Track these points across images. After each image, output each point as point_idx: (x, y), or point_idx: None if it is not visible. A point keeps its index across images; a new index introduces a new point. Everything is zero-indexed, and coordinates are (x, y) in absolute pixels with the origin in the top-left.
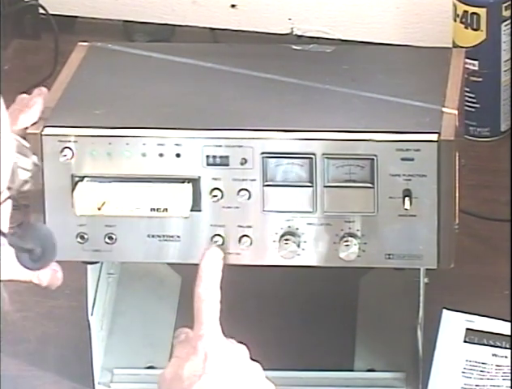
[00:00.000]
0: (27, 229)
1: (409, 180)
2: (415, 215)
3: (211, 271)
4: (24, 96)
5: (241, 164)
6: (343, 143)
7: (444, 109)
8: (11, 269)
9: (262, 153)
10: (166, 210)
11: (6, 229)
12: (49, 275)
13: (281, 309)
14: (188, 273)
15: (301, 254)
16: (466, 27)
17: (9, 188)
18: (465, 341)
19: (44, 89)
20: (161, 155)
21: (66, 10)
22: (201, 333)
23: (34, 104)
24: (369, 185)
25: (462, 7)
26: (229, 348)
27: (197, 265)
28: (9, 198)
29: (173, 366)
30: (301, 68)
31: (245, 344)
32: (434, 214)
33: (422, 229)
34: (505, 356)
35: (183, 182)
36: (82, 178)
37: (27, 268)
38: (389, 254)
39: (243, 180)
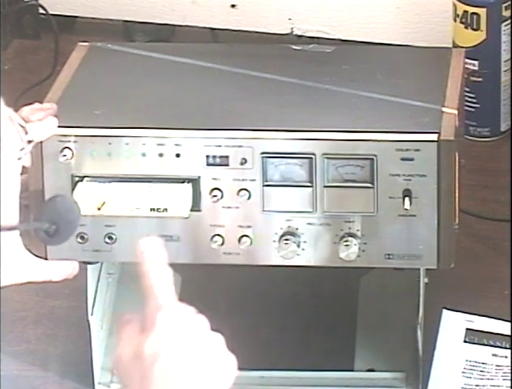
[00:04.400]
0: (46, 204)
1: (409, 180)
2: (415, 215)
3: (153, 252)
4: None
5: (241, 164)
6: (342, 143)
7: (444, 109)
8: (29, 271)
9: (262, 153)
10: (166, 210)
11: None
12: (69, 268)
13: (281, 309)
14: (188, 273)
15: (301, 254)
16: (466, 27)
17: None
18: (465, 341)
19: (55, 107)
20: (161, 155)
21: (66, 10)
22: (158, 305)
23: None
24: (369, 185)
25: (462, 7)
26: (190, 320)
27: (197, 265)
28: None
29: (128, 345)
30: (301, 68)
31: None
32: (434, 214)
33: (422, 229)
34: (505, 356)
35: (183, 182)
36: (82, 178)
37: (46, 244)
38: (389, 254)
39: (243, 180)
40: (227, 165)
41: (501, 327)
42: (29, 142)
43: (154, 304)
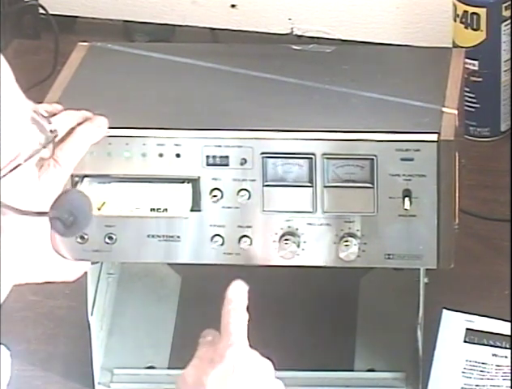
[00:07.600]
0: (60, 196)
1: (409, 180)
2: (415, 215)
3: (239, 295)
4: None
5: (241, 164)
6: (343, 143)
7: (444, 109)
8: (47, 272)
9: (262, 153)
10: (166, 210)
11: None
12: (83, 268)
13: (281, 309)
14: (188, 273)
15: (301, 254)
16: (466, 27)
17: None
18: (465, 341)
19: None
20: (161, 155)
21: (66, 10)
22: (230, 342)
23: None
24: (369, 185)
25: (462, 7)
26: (256, 363)
27: (197, 265)
28: (19, 165)
29: (196, 369)
30: (301, 68)
31: (270, 360)
32: (434, 214)
33: (422, 229)
34: (505, 356)
35: (183, 182)
36: (82, 178)
37: (60, 234)
38: (389, 254)
39: (243, 180)
40: (227, 165)
41: (501, 327)
42: (52, 132)
43: (227, 340)
